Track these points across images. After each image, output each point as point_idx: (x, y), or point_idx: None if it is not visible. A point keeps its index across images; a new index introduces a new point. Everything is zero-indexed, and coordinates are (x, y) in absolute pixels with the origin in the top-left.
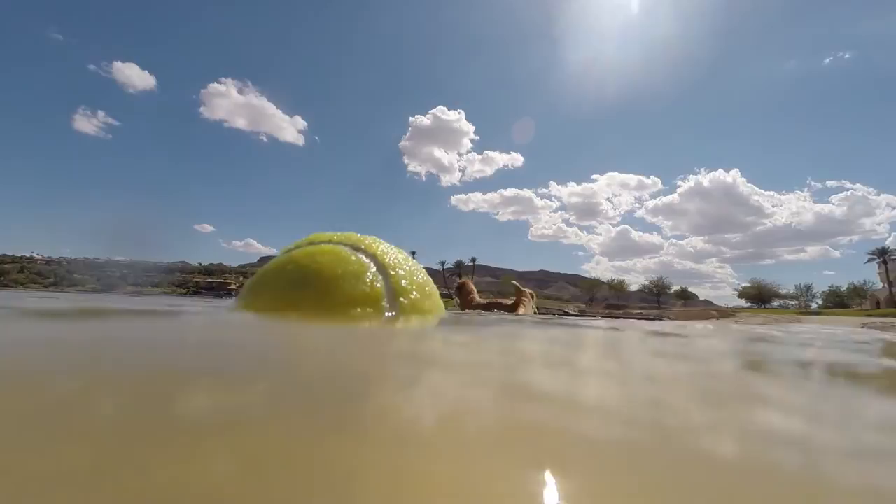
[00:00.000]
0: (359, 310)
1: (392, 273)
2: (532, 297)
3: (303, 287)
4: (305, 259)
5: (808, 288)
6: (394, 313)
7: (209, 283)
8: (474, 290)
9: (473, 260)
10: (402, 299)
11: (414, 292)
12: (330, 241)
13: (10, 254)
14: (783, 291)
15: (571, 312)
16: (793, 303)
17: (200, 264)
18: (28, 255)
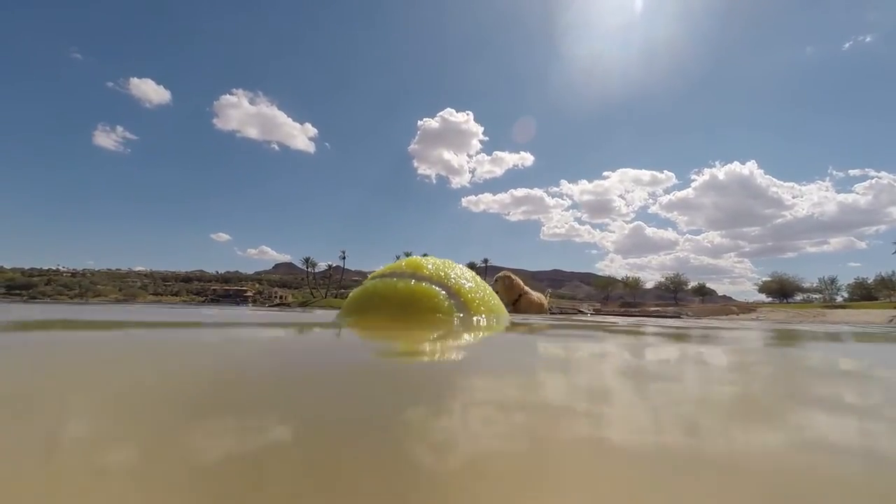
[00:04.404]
0: (439, 315)
1: (457, 282)
2: (543, 296)
3: (391, 306)
4: (387, 290)
5: (833, 280)
6: (462, 314)
7: (226, 290)
8: (520, 282)
9: (486, 261)
10: (468, 303)
11: (478, 293)
12: (397, 274)
13: (38, 267)
14: (806, 285)
15: (586, 311)
16: (816, 296)
17: (217, 272)
18: (54, 268)
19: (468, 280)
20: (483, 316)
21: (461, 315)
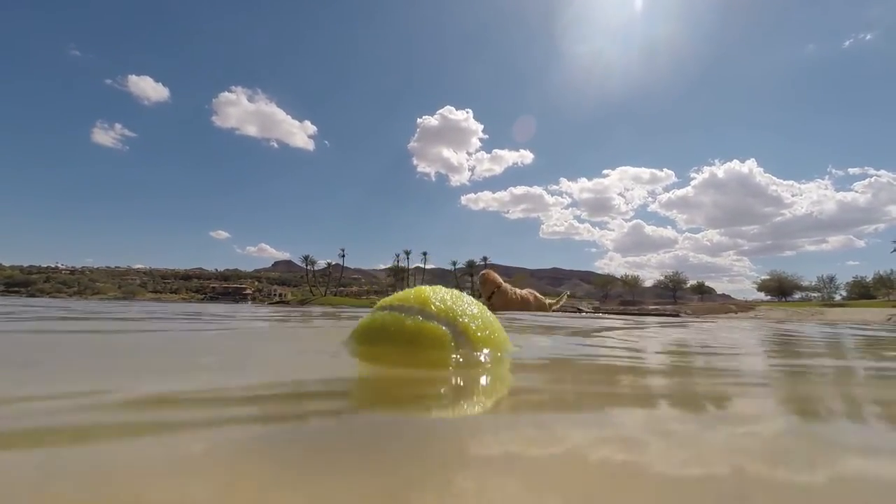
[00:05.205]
0: (439, 352)
1: (463, 321)
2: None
3: (399, 343)
4: (396, 325)
5: (832, 279)
6: (461, 353)
7: (225, 288)
8: (499, 279)
9: (485, 259)
10: (474, 341)
11: (485, 331)
12: (405, 309)
13: (37, 264)
14: (805, 283)
15: (585, 310)
16: (815, 295)
17: (216, 270)
18: (53, 266)
19: (476, 319)
20: (487, 352)
21: (465, 351)
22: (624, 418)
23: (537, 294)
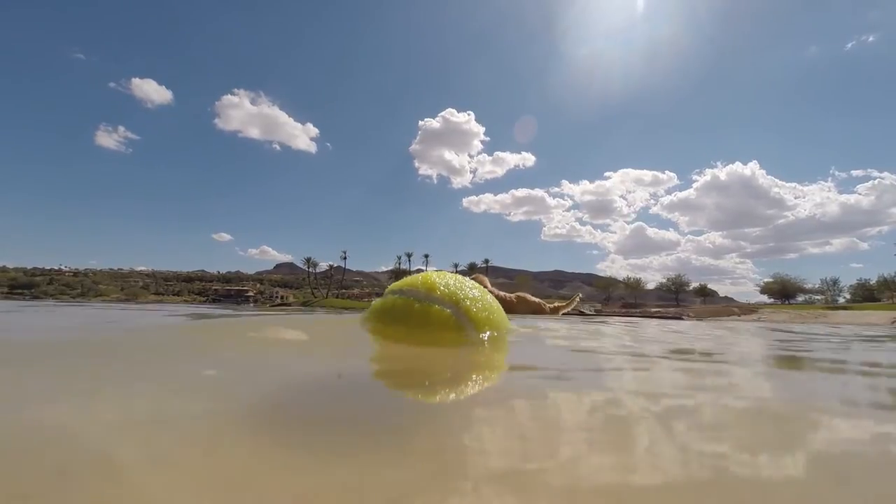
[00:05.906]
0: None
1: (465, 304)
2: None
3: (409, 324)
4: (406, 307)
5: (835, 282)
6: (469, 331)
7: (228, 290)
8: (487, 283)
9: (486, 261)
10: (475, 321)
11: (484, 312)
12: (413, 293)
13: (41, 266)
14: (808, 286)
15: (588, 312)
16: (818, 297)
17: (219, 272)
18: (57, 268)
19: (477, 301)
20: (487, 332)
21: (468, 332)
22: None
23: (528, 297)
